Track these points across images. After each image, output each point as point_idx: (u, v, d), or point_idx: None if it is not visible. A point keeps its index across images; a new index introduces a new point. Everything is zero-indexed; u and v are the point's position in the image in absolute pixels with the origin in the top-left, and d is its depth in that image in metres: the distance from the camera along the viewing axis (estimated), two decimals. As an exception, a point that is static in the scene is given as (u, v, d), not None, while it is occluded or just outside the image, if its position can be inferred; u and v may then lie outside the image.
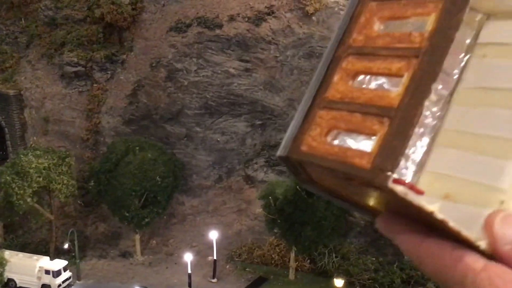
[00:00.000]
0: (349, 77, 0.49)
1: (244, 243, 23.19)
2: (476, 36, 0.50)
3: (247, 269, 22.26)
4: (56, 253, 22.39)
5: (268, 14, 23.88)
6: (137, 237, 23.03)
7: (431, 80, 0.44)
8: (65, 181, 21.35)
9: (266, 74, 23.88)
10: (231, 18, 23.92)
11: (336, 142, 0.48)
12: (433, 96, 0.45)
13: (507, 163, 0.45)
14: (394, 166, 0.42)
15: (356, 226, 21.32)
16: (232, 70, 24.17)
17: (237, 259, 22.74)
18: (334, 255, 20.75)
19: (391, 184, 0.42)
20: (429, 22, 0.46)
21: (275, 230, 20.67)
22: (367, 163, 0.43)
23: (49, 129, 25.93)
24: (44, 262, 21.08)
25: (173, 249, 23.66)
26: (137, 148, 22.23)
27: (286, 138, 0.50)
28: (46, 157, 21.34)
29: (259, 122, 24.14)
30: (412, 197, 0.42)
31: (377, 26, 0.50)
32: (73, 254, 21.89)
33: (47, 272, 20.71)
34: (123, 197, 21.36)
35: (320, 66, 0.52)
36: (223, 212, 24.46)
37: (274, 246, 22.46)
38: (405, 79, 0.45)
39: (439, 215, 0.42)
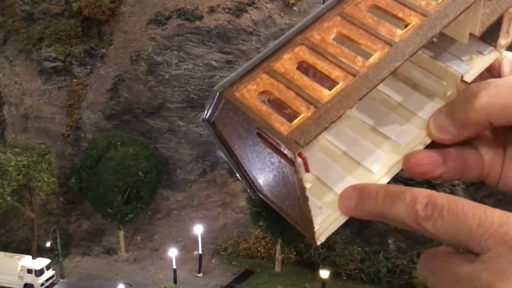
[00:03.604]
0: (297, 61, 0.57)
1: (230, 237, 23.05)
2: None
3: (233, 263, 22.14)
4: (39, 252, 22.08)
5: (249, 5, 23.63)
6: (121, 233, 22.78)
7: (358, 97, 0.53)
8: (45, 179, 20.98)
9: (248, 66, 23.66)
10: (211, 10, 23.63)
11: (265, 103, 0.55)
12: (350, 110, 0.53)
13: (336, 166, 0.60)
14: (304, 143, 0.49)
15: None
16: (213, 63, 23.91)
17: (223, 252, 22.61)
18: (320, 246, 20.68)
19: (296, 154, 0.49)
20: (374, 56, 0.56)
21: (260, 223, 20.54)
22: (285, 131, 0.51)
23: (29, 126, 25.47)
24: (26, 261, 20.76)
25: (158, 245, 23.45)
26: (119, 143, 21.91)
27: (225, 81, 0.56)
28: (25, 154, 20.95)
29: (243, 114, 23.96)
30: (301, 171, 0.50)
31: (333, 37, 0.58)
32: (56, 252, 21.61)
33: (29, 271, 20.41)
34: (106, 193, 21.07)
35: (278, 41, 0.58)
36: (208, 206, 24.28)
37: (260, 239, 22.36)
38: (339, 86, 0.54)
39: (307, 193, 0.53)
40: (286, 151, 0.50)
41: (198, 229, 21.96)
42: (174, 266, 20.61)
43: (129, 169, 21.18)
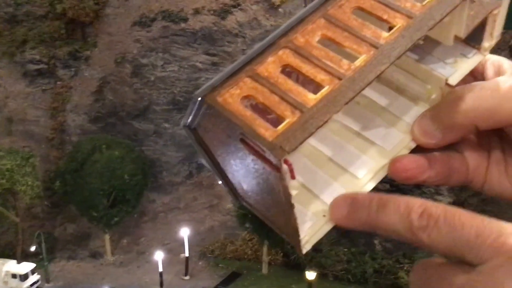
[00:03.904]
0: (281, 64, 0.55)
1: (217, 239, 23.00)
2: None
3: (220, 265, 22.09)
4: (23, 256, 21.83)
5: (234, 6, 23.64)
6: (107, 237, 22.62)
7: (345, 101, 0.52)
8: (29, 182, 20.77)
9: (234, 68, 23.66)
10: (196, 11, 23.59)
11: (249, 108, 0.53)
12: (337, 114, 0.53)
13: (321, 173, 0.60)
14: (290, 149, 0.48)
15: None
16: (199, 64, 23.87)
17: (209, 255, 22.55)
18: (306, 248, 20.72)
19: (282, 161, 0.48)
20: (360, 59, 0.55)
21: (247, 225, 20.52)
22: (270, 136, 0.49)
23: (13, 129, 25.20)
24: (11, 265, 20.54)
25: (144, 248, 23.33)
26: (104, 146, 21.76)
27: (206, 85, 0.54)
28: (9, 158, 20.72)
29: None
30: (287, 178, 0.49)
31: (318, 39, 0.57)
32: (41, 256, 21.41)
33: (13, 276, 20.19)
34: (91, 196, 20.91)
35: (260, 44, 0.57)
36: (195, 208, 24.22)
37: (246, 241, 22.35)
38: (325, 90, 0.53)
39: (293, 200, 0.51)
40: (271, 158, 0.49)
41: (184, 232, 21.88)
42: (161, 269, 20.52)
43: (115, 172, 21.05)
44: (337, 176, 0.59)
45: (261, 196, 0.58)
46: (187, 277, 21.51)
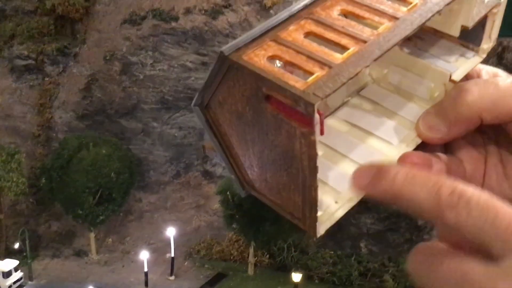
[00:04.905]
0: (303, 31, 0.56)
1: (203, 239, 22.94)
2: (359, 89, 0.67)
3: (206, 266, 22.04)
4: (7, 253, 21.67)
5: (225, 7, 23.61)
6: (92, 235, 22.46)
7: (373, 58, 0.52)
8: (15, 179, 20.58)
9: (223, 68, 23.65)
10: (187, 11, 23.53)
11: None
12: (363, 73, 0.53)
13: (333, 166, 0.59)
14: (324, 95, 0.47)
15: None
16: (189, 64, 23.80)
17: (195, 255, 22.49)
18: (293, 249, 20.76)
19: (315, 107, 0.46)
20: (382, 27, 0.56)
21: (234, 226, 20.50)
22: (301, 86, 0.48)
23: (-1, 124, 24.98)
24: (-6, 263, 20.36)
25: (129, 247, 23.19)
26: (91, 143, 21.60)
27: (230, 45, 0.53)
28: (-6, 154, 20.54)
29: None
30: (317, 130, 0.48)
31: (338, 13, 0.58)
32: (25, 253, 21.22)
33: (-4, 273, 20.00)
34: (77, 194, 20.75)
35: (280, 14, 0.57)
36: (182, 208, 24.14)
37: (233, 241, 22.31)
38: (351, 50, 0.53)
39: (318, 162, 0.49)
40: (303, 106, 0.46)
41: (170, 232, 21.80)
42: (146, 269, 20.41)
43: (101, 170, 20.90)
44: (350, 169, 0.58)
45: (276, 173, 0.55)
46: (172, 277, 21.42)
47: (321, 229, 0.55)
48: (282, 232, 19.49)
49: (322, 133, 0.48)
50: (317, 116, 0.47)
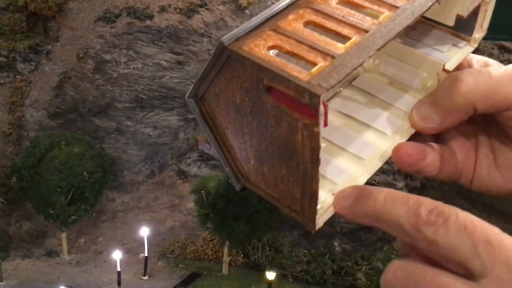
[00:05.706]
0: (303, 21, 0.55)
1: (177, 239, 22.82)
2: (351, 79, 0.67)
3: (180, 265, 21.93)
4: (-24, 254, 21.26)
5: (201, 6, 23.58)
6: (64, 235, 22.16)
7: (376, 47, 0.51)
8: (-16, 178, 20.21)
9: (199, 67, 23.61)
10: (162, 9, 23.44)
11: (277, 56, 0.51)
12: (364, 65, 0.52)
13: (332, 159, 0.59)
14: (329, 86, 0.46)
15: (289, 220, 21.48)
16: (163, 63, 23.68)
17: (169, 255, 22.37)
18: (267, 248, 20.80)
19: (320, 99, 0.45)
20: (383, 16, 0.55)
21: (208, 225, 20.45)
22: (305, 77, 0.47)
23: (-31, 123, 24.49)
24: (-39, 263, 19.94)
25: (102, 247, 22.95)
26: (63, 142, 21.34)
27: (229, 35, 0.52)
28: (-38, 152, 20.10)
29: (192, 116, 23.75)
30: (321, 122, 0.47)
31: (337, 2, 0.58)
32: (-5, 254, 20.87)
33: (-36, 274, 19.60)
34: (48, 193, 20.45)
35: (279, 4, 0.56)
36: (156, 208, 23.99)
37: (207, 241, 22.26)
38: (353, 40, 0.52)
39: (320, 153, 0.48)
40: (307, 98, 0.45)
41: (144, 231, 21.64)
42: (119, 269, 20.22)
43: (73, 169, 20.63)
44: (346, 162, 0.59)
45: (274, 166, 0.54)
46: (145, 277, 21.26)
47: (320, 222, 0.54)
48: (256, 231, 19.52)
49: (326, 124, 0.47)
50: (321, 107, 0.46)
